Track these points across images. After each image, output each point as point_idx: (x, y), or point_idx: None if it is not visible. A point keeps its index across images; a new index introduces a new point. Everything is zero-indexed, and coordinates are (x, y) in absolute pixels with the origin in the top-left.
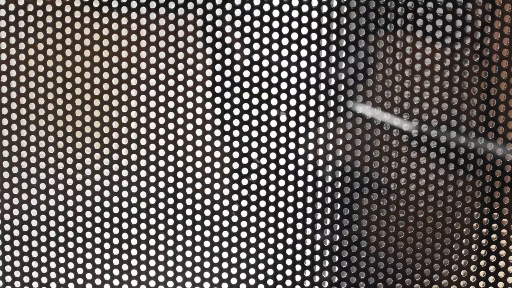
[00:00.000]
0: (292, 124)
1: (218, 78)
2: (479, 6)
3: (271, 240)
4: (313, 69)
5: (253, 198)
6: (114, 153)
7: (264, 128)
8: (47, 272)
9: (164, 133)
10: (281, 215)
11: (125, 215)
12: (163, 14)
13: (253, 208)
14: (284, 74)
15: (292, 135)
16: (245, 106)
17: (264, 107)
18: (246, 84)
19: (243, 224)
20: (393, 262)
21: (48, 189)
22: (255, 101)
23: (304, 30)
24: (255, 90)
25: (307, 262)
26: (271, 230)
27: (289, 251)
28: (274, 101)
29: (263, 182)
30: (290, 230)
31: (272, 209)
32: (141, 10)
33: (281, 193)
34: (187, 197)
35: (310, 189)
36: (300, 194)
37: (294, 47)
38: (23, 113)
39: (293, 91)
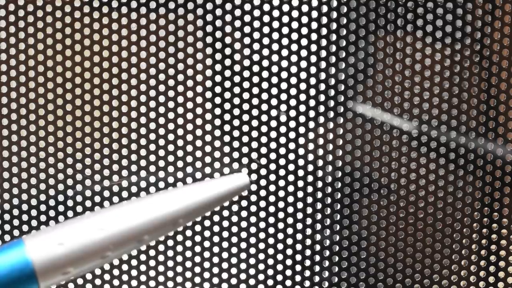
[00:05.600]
0: (292, 124)
1: (218, 78)
2: (479, 6)
3: (271, 240)
4: (313, 69)
5: (253, 198)
6: (114, 153)
7: (264, 128)
8: None
9: (164, 133)
10: (281, 215)
11: None
12: (163, 14)
13: (253, 208)
14: (284, 74)
15: (292, 135)
16: (245, 106)
17: (264, 107)
18: (246, 84)
19: (243, 224)
20: (393, 262)
21: (48, 189)
22: (255, 101)
23: (304, 30)
24: (255, 90)
25: (307, 262)
26: (271, 230)
27: (289, 251)
28: (274, 101)
29: (263, 182)
30: (290, 230)
31: (272, 209)
32: (141, 10)
33: (281, 193)
34: None
35: (310, 189)
36: (300, 194)
37: (294, 47)
38: (23, 113)
39: (293, 91)
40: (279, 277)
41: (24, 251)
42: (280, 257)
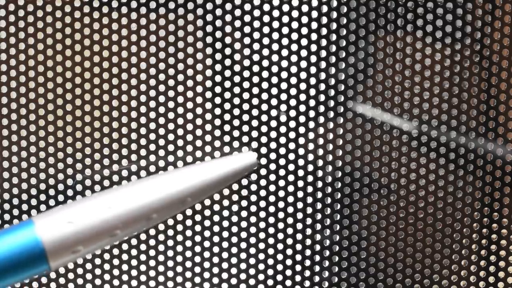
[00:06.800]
0: (292, 124)
1: (218, 78)
2: (479, 6)
3: (271, 240)
4: (313, 69)
5: (253, 198)
6: (114, 153)
7: (264, 128)
8: (47, 272)
9: (164, 133)
10: (281, 215)
11: None
12: (163, 14)
13: (253, 208)
14: (284, 74)
15: (292, 135)
16: (245, 106)
17: (264, 107)
18: (246, 84)
19: (243, 224)
20: (393, 262)
21: (48, 189)
22: (255, 101)
23: (304, 30)
24: (255, 90)
25: (307, 262)
26: (271, 230)
27: (289, 251)
28: (274, 101)
29: (263, 182)
30: (290, 230)
31: (272, 209)
32: (141, 10)
33: (281, 193)
34: None
35: (310, 189)
36: (300, 194)
37: (294, 47)
38: (23, 113)
39: (293, 91)
40: (279, 277)
41: (33, 230)
42: (280, 257)
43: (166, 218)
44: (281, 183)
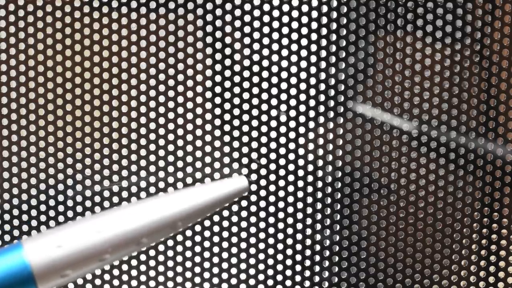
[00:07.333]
0: (292, 124)
1: (218, 78)
2: (479, 6)
3: (271, 240)
4: (313, 69)
5: (253, 198)
6: (114, 153)
7: (264, 128)
8: None
9: (164, 133)
10: (281, 215)
11: None
12: (163, 14)
13: (253, 208)
14: (284, 74)
15: (292, 135)
16: (245, 106)
17: (264, 107)
18: (246, 84)
19: (243, 224)
20: (393, 262)
21: (48, 189)
22: (255, 101)
23: (304, 30)
24: (255, 90)
25: (307, 263)
26: (271, 230)
27: (289, 251)
28: (274, 101)
29: (263, 182)
30: (290, 230)
31: (272, 209)
32: (141, 10)
33: (281, 193)
34: None
35: (310, 189)
36: (300, 194)
37: (294, 47)
38: (23, 113)
39: (293, 91)
40: (279, 277)
41: (22, 254)
42: (280, 257)
43: (157, 241)
44: (281, 183)
